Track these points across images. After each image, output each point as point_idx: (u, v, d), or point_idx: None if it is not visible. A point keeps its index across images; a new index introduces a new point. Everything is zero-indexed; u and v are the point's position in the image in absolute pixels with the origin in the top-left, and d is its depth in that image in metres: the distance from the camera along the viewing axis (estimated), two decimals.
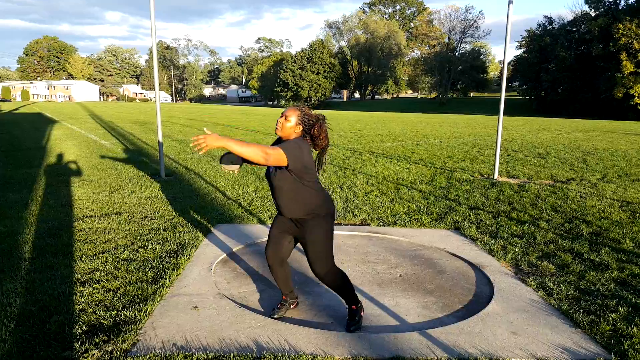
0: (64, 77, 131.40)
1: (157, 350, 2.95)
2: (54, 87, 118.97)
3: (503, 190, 8.29)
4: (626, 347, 3.12)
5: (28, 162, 10.69)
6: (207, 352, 2.95)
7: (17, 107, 48.67)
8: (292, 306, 3.64)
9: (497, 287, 4.12)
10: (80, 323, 3.28)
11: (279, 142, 3.16)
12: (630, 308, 3.72)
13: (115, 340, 3.05)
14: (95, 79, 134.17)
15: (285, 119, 3.08)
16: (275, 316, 3.48)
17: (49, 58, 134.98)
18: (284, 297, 3.59)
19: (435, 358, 2.94)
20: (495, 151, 9.64)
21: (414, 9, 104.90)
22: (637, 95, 51.80)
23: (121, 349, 2.94)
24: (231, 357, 2.89)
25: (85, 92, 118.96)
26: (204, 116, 37.36)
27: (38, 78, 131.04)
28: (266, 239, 5.34)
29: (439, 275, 4.46)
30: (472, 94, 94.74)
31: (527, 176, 9.89)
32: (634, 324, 3.43)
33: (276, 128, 3.11)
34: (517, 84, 78.76)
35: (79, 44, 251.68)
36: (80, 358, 2.85)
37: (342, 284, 3.29)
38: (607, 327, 3.38)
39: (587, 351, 3.07)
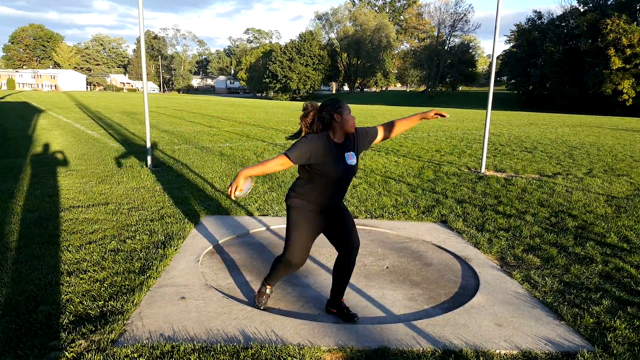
0: (51, 66, 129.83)
1: (144, 341, 2.95)
2: (40, 76, 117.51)
3: (490, 184, 8.36)
4: (609, 339, 3.17)
5: (14, 152, 10.58)
6: (194, 342, 2.95)
7: (2, 96, 48.04)
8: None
9: (482, 279, 4.16)
10: (67, 313, 3.26)
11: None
12: (613, 301, 3.78)
13: (102, 330, 3.04)
14: (82, 68, 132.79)
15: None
16: (262, 308, 3.47)
17: (35, 46, 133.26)
18: (272, 288, 3.55)
19: (421, 349, 2.97)
20: (483, 145, 9.70)
21: (404, 2, 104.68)
22: (625, 91, 52.18)
23: (108, 339, 2.94)
24: (218, 347, 2.90)
25: (72, 81, 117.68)
26: (192, 108, 37.16)
27: (24, 67, 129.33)
28: (253, 230, 5.36)
29: (426, 268, 4.49)
30: (460, 87, 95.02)
31: (514, 170, 9.97)
32: (617, 317, 3.49)
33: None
34: (505, 78, 79.04)
35: (66, 33, 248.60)
36: (67, 348, 2.84)
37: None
38: (591, 320, 3.43)
39: (571, 343, 3.12)
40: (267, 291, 3.50)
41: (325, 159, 3.00)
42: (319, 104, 3.09)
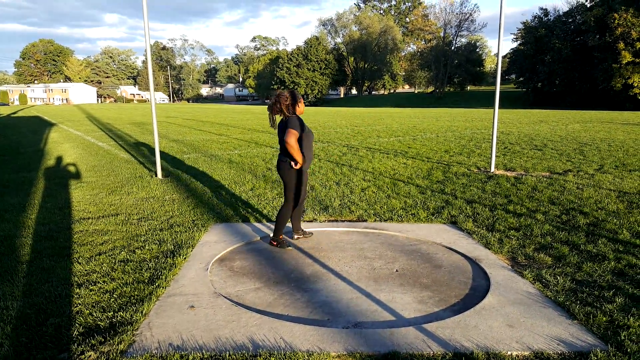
0: (61, 80, 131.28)
1: (153, 351, 2.95)
2: (52, 90, 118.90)
3: (500, 183, 8.29)
4: (623, 337, 3.12)
5: (26, 166, 10.68)
6: (203, 351, 2.95)
7: (15, 111, 48.62)
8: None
9: (493, 280, 4.12)
10: (77, 325, 3.28)
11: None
12: (627, 298, 3.72)
13: (111, 341, 3.05)
14: (92, 81, 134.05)
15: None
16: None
17: (45, 61, 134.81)
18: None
19: (431, 352, 2.94)
20: (492, 144, 9.64)
21: (409, 4, 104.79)
22: (636, 85, 51.51)
23: (117, 349, 2.95)
24: (227, 356, 2.90)
25: (82, 94, 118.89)
26: (201, 116, 37.34)
27: (35, 81, 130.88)
28: (262, 236, 5.36)
29: (436, 270, 4.46)
30: (469, 87, 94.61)
31: (524, 168, 9.89)
32: (630, 315, 3.43)
33: None
34: (513, 76, 78.45)
35: (77, 47, 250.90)
36: None
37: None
38: (604, 318, 3.38)
39: (584, 342, 3.07)
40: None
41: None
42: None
